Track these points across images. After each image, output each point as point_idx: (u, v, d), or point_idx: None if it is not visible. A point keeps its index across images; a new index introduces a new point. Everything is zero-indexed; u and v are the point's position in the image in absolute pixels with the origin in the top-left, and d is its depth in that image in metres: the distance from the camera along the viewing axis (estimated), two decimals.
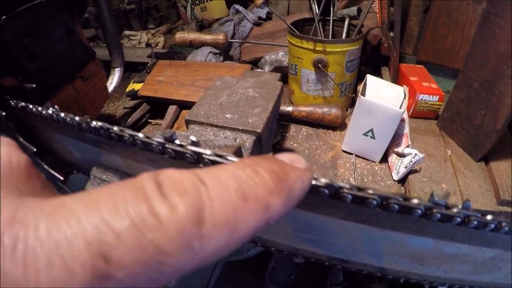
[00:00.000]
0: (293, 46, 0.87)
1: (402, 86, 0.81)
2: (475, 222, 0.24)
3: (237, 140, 0.54)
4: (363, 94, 0.81)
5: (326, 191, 0.24)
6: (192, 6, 1.48)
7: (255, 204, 0.15)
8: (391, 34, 1.01)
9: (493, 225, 0.24)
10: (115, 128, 0.31)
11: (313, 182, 0.24)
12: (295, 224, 0.33)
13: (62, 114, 0.37)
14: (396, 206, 0.23)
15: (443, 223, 0.24)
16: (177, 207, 0.13)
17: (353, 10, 0.91)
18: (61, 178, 0.58)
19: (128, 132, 0.30)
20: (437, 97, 0.94)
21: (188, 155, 0.27)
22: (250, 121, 0.55)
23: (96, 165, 0.45)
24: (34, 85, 0.62)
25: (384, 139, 0.77)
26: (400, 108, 0.73)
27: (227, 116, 0.56)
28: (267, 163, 0.17)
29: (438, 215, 0.23)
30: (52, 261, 0.11)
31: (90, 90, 0.80)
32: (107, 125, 0.32)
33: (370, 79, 0.81)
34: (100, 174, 0.44)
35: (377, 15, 1.11)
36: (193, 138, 0.27)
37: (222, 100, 0.61)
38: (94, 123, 0.33)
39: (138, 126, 0.99)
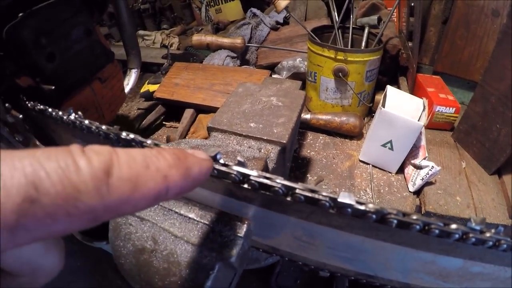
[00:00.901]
0: (313, 53, 0.86)
1: (422, 98, 0.81)
2: (505, 246, 0.25)
3: (262, 150, 0.53)
4: (383, 105, 0.81)
5: (374, 216, 0.25)
6: (207, 8, 1.48)
7: (155, 173, 0.19)
8: (410, 44, 1.00)
9: None
10: (149, 141, 0.30)
11: (362, 207, 0.25)
12: (332, 243, 0.34)
13: (86, 122, 0.36)
14: (437, 231, 0.25)
15: (476, 246, 0.25)
16: (92, 160, 0.17)
17: (373, 19, 0.91)
18: None
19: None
20: (454, 109, 0.94)
21: (233, 175, 0.27)
22: (275, 131, 0.54)
23: None
24: (53, 87, 0.62)
25: (402, 151, 0.77)
26: (419, 120, 0.73)
27: (251, 125, 0.56)
28: (170, 149, 0.22)
29: (473, 239, 0.25)
30: None
31: (108, 92, 0.80)
32: (140, 138, 0.31)
33: (390, 90, 0.81)
34: None
35: (395, 23, 1.11)
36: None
37: (245, 108, 0.61)
38: (124, 134, 0.32)
39: (153, 128, 0.99)
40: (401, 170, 0.83)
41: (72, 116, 0.38)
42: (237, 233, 0.33)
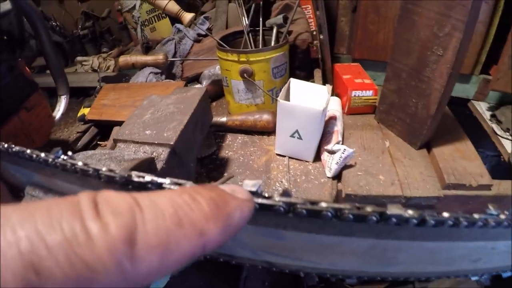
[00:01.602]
0: (221, 59, 0.91)
1: (325, 85, 0.84)
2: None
3: (154, 154, 0.59)
4: (288, 98, 0.84)
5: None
6: (142, 28, 1.52)
7: (189, 229, 0.16)
8: (321, 36, 1.05)
9: None
10: (168, 181, 0.26)
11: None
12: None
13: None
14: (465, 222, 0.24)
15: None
16: (109, 226, 0.14)
17: (279, 18, 0.95)
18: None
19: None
20: (371, 91, 0.97)
21: (278, 207, 0.24)
22: (165, 135, 0.60)
23: (30, 184, 0.48)
24: None
25: (311, 138, 0.80)
26: (325, 106, 0.75)
27: (147, 132, 0.62)
28: (206, 191, 0.18)
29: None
30: None
31: (34, 119, 0.86)
32: (158, 179, 0.27)
33: (293, 82, 0.84)
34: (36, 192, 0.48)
35: (312, 20, 1.15)
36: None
37: (145, 118, 0.67)
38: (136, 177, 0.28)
39: (90, 148, 1.02)
40: (318, 158, 0.85)
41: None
42: None
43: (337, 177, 0.80)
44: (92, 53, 1.68)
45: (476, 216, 0.24)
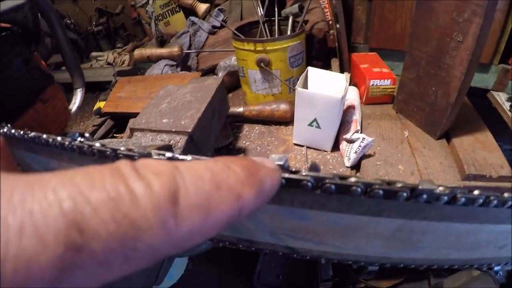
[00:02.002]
0: (237, 49, 0.90)
1: (344, 73, 0.83)
2: None
3: (171, 142, 0.59)
4: (306, 86, 0.83)
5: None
6: (156, 22, 1.52)
7: (227, 193, 0.16)
8: (338, 25, 1.03)
9: None
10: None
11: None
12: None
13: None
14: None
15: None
16: (153, 185, 0.14)
17: (294, 7, 0.94)
18: None
19: None
20: (389, 80, 0.95)
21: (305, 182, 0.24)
22: (183, 123, 0.60)
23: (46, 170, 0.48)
24: None
25: (330, 127, 0.79)
26: (344, 94, 0.74)
27: (164, 121, 0.61)
28: (238, 160, 0.18)
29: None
30: (24, 229, 0.11)
31: (50, 111, 0.86)
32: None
33: (311, 70, 0.83)
34: None
35: (327, 10, 1.13)
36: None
37: (162, 107, 0.66)
38: None
39: None
40: (337, 148, 0.83)
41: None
42: None
43: (356, 167, 0.79)
44: (106, 49, 1.70)
45: (506, 195, 0.23)
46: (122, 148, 0.27)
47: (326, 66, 1.07)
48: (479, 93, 1.06)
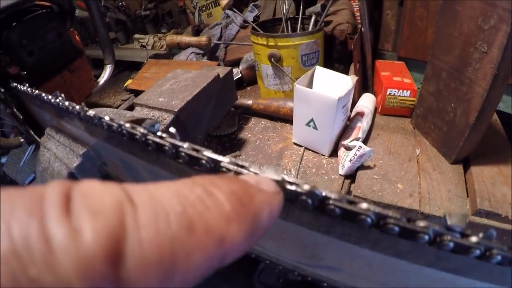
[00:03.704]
0: (253, 43, 0.92)
1: (350, 76, 0.79)
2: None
3: (159, 118, 0.64)
4: (310, 85, 0.82)
5: None
6: (200, 12, 1.58)
7: (204, 236, 0.12)
8: (362, 29, 1.00)
9: None
10: (226, 160, 0.25)
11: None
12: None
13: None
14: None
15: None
16: (82, 232, 0.10)
17: (317, 6, 0.93)
18: (39, 140, 0.73)
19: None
20: (409, 92, 0.89)
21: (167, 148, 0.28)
22: (173, 103, 0.65)
23: (50, 126, 0.59)
24: (25, 72, 0.81)
25: (326, 129, 0.76)
26: (342, 96, 0.70)
27: (160, 99, 0.67)
28: (225, 183, 0.14)
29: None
30: None
31: (76, 80, 0.97)
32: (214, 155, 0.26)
33: (318, 70, 0.82)
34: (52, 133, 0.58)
35: (357, 12, 1.11)
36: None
37: (164, 88, 0.72)
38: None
39: None
40: (336, 154, 0.81)
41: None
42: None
43: (352, 177, 0.75)
44: (151, 32, 1.79)
45: None
46: (106, 118, 0.33)
47: (349, 70, 1.04)
48: None
